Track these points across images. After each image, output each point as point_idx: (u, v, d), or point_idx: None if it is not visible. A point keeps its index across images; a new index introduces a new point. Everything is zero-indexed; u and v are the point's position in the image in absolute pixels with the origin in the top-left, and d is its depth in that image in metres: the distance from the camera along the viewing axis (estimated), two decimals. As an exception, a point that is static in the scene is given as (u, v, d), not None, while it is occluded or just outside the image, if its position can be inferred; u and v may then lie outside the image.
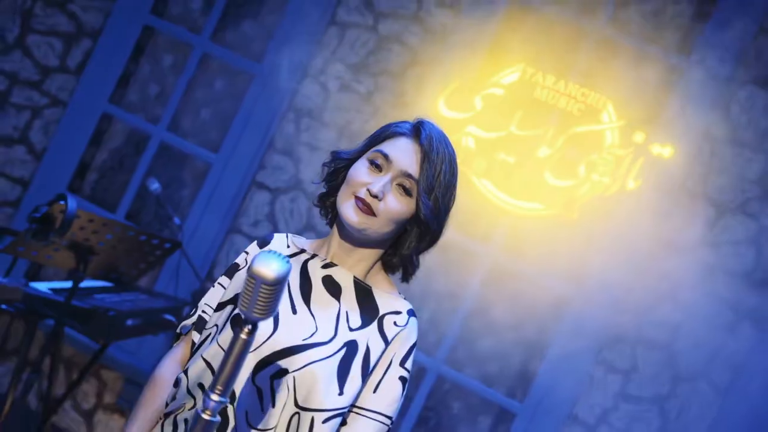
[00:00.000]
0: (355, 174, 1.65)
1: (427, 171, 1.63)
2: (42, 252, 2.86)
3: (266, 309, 1.25)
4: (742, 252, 3.62)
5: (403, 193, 1.63)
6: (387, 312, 1.68)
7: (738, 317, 3.59)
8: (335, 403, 1.58)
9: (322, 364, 1.58)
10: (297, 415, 1.58)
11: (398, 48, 3.97)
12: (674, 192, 3.65)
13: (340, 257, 1.70)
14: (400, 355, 1.66)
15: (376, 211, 1.62)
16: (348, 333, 1.63)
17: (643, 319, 3.67)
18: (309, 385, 1.57)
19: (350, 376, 1.60)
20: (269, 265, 1.24)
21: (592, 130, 3.69)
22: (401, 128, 1.70)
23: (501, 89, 3.79)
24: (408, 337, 1.67)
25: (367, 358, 1.63)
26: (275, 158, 4.03)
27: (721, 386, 3.59)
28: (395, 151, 1.65)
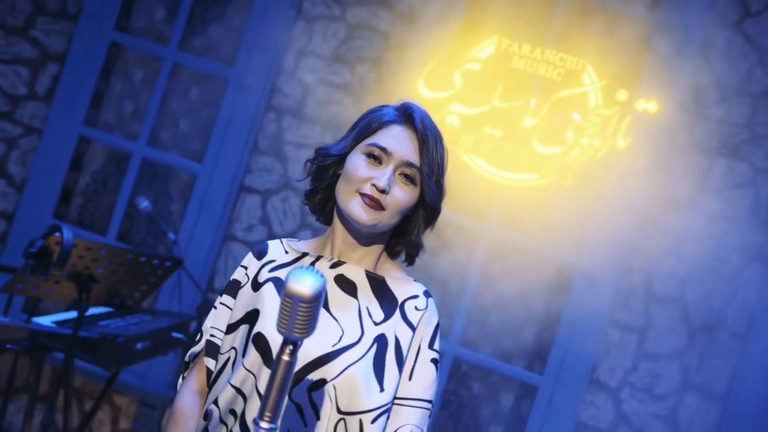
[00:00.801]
0: (354, 170, 1.61)
1: (427, 156, 1.62)
2: (42, 287, 2.81)
3: (306, 327, 1.22)
4: (739, 196, 3.61)
5: (407, 182, 1.62)
6: (406, 298, 1.66)
7: (745, 261, 3.59)
8: (379, 401, 1.56)
9: (358, 365, 1.56)
10: (342, 421, 1.55)
11: (370, 35, 3.92)
12: (664, 146, 3.63)
13: (346, 254, 1.67)
14: (427, 338, 1.64)
15: (384, 205, 1.59)
16: (374, 328, 1.61)
17: (651, 275, 3.66)
18: (350, 389, 1.55)
19: (387, 371, 1.58)
20: (304, 282, 1.21)
21: (574, 94, 3.67)
22: (389, 115, 1.67)
23: (478, 64, 3.75)
24: (431, 319, 1.66)
25: (398, 349, 1.61)
26: (261, 160, 3.98)
27: (738, 332, 3.59)
28: (392, 142, 1.63)
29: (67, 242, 2.60)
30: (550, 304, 3.82)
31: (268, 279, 1.66)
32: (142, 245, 4.13)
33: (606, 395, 3.69)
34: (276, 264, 1.69)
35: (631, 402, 3.67)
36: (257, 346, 1.58)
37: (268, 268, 1.68)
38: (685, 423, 3.62)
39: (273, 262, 1.69)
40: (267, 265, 1.69)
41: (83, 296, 2.82)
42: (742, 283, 3.61)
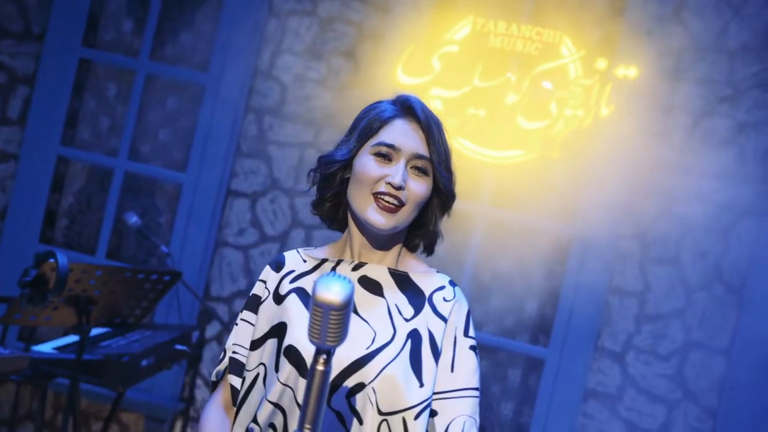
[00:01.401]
0: (365, 171, 1.60)
1: (434, 145, 1.61)
2: (40, 315, 2.77)
3: (339, 334, 1.20)
4: (725, 152, 3.63)
5: (420, 174, 1.61)
6: (433, 291, 1.65)
7: (736, 216, 3.62)
8: (420, 397, 1.55)
9: (394, 364, 1.54)
10: (385, 422, 1.54)
11: (344, 27, 3.89)
12: (647, 110, 3.64)
13: (366, 255, 1.66)
14: (462, 327, 1.63)
15: (403, 200, 1.58)
16: (406, 324, 1.60)
17: (645, 239, 3.68)
18: (390, 389, 1.53)
19: (424, 365, 1.57)
20: (332, 290, 1.19)
21: (554, 67, 3.66)
22: (388, 111, 1.65)
23: (455, 46, 3.74)
24: (461, 307, 1.65)
25: (433, 342, 1.60)
26: (245, 163, 3.94)
27: (735, 286, 3.62)
28: (399, 137, 1.61)
29: (62, 267, 2.56)
30: (549, 277, 3.83)
31: (290, 290, 1.65)
32: (133, 260, 4.09)
33: (611, 360, 3.71)
34: (296, 274, 1.68)
35: (637, 365, 3.69)
36: (290, 359, 1.57)
37: (289, 279, 1.67)
38: (691, 380, 3.65)
39: (292, 272, 1.68)
40: (287, 276, 1.68)
41: (83, 319, 2.78)
42: (735, 237, 3.64)
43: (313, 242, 3.88)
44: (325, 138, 3.88)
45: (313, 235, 3.88)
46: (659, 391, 3.67)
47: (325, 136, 3.88)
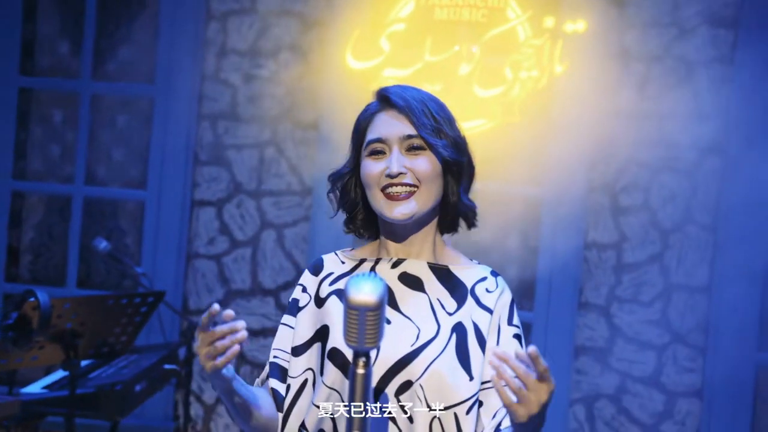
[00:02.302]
0: (366, 173, 1.61)
1: (418, 119, 1.59)
2: (26, 356, 2.70)
3: (376, 335, 1.19)
4: (680, 93, 3.66)
5: (417, 151, 1.59)
6: (475, 283, 1.64)
7: (699, 154, 3.66)
8: (471, 390, 1.55)
9: (441, 360, 1.54)
10: (437, 419, 1.53)
11: (286, 20, 3.84)
12: (600, 61, 3.66)
13: (403, 251, 1.65)
14: (505, 316, 1.62)
15: (413, 182, 1.57)
16: (450, 318, 1.59)
17: (614, 190, 3.71)
18: (438, 385, 1.52)
19: (472, 358, 1.56)
20: (364, 290, 1.18)
21: (503, 31, 3.66)
22: (371, 110, 1.66)
23: (402, 23, 3.71)
24: (504, 297, 1.64)
25: (479, 334, 1.59)
26: (206, 171, 3.88)
27: (707, 223, 3.67)
28: (382, 128, 1.61)
29: (44, 305, 2.51)
30: (524, 241, 3.84)
31: (330, 293, 1.63)
32: (106, 286, 4.01)
33: (597, 314, 3.74)
34: (335, 276, 1.66)
35: (622, 315, 3.73)
36: (335, 362, 1.56)
37: (329, 282, 1.65)
38: (676, 322, 3.70)
39: (332, 274, 1.66)
40: (326, 279, 1.66)
41: (71, 354, 2.73)
42: (701, 176, 3.68)
43: (286, 242, 3.84)
44: (284, 135, 3.83)
45: (284, 234, 3.84)
46: (647, 338, 3.71)
47: (283, 133, 3.83)
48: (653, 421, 3.71)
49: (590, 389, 3.73)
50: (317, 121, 3.81)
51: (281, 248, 3.85)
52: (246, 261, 3.87)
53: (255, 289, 3.86)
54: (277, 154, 3.85)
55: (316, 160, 3.80)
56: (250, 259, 3.86)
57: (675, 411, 3.70)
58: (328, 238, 3.77)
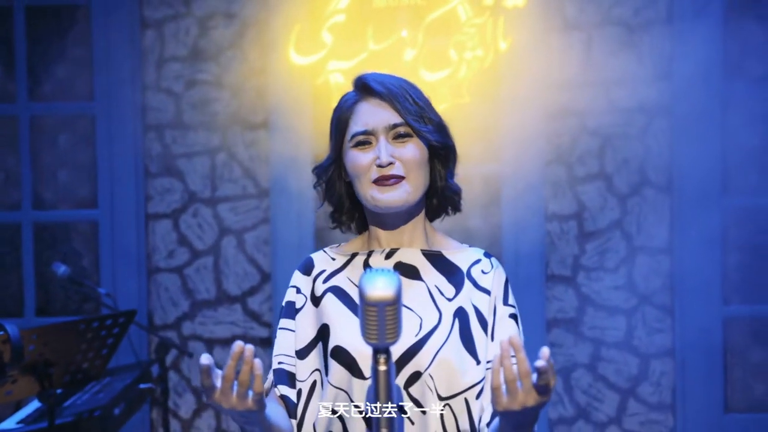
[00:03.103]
0: (354, 164, 1.58)
1: (402, 106, 1.57)
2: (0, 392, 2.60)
3: (396, 329, 1.16)
4: (623, 59, 3.70)
5: (404, 139, 1.57)
6: (470, 266, 1.63)
7: (648, 117, 3.71)
8: (479, 374, 1.54)
9: (447, 347, 1.52)
10: (447, 407, 1.52)
11: (224, 21, 3.77)
12: (543, 33, 3.68)
13: (395, 240, 1.63)
14: (500, 296, 1.62)
15: (401, 173, 1.55)
16: (450, 304, 1.57)
17: (569, 160, 3.74)
18: (446, 373, 1.51)
19: (477, 342, 1.56)
20: (379, 285, 1.15)
21: (444, 13, 3.64)
22: (350, 99, 1.63)
23: (342, 14, 3.67)
24: (500, 277, 1.64)
25: (481, 317, 1.58)
26: (157, 183, 3.79)
27: (662, 185, 3.72)
28: (367, 118, 1.58)
29: (15, 338, 2.42)
30: (487, 220, 3.85)
31: (325, 291, 1.61)
32: (66, 312, 3.89)
33: (565, 286, 3.77)
34: (328, 273, 1.63)
35: (589, 283, 3.77)
36: (339, 360, 1.53)
37: (322, 280, 1.63)
38: (642, 284, 3.75)
39: (324, 272, 1.64)
40: (319, 277, 1.63)
41: (47, 384, 2.64)
42: (652, 138, 3.73)
43: (248, 246, 3.78)
44: (234, 138, 3.77)
45: (245, 239, 3.78)
46: (615, 303, 3.76)
47: (232, 137, 3.77)
48: (630, 384, 3.75)
49: (566, 360, 3.76)
50: (267, 121, 3.76)
51: (243, 253, 3.79)
52: (208, 270, 3.80)
53: (221, 298, 3.80)
54: (229, 159, 3.78)
55: (269, 161, 3.75)
56: (213, 267, 3.80)
57: (650, 372, 3.75)
58: (289, 239, 3.73)
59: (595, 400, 3.76)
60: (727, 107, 3.70)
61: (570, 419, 3.76)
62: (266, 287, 3.77)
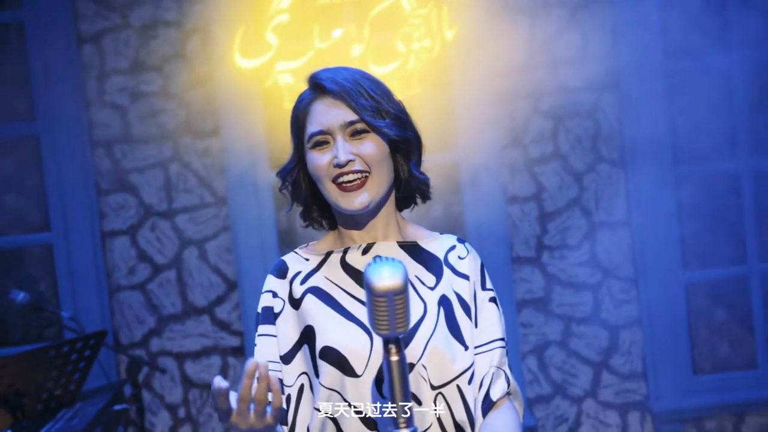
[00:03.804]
0: (314, 166, 1.56)
1: (356, 102, 1.54)
2: (-28, 428, 2.52)
3: (406, 318, 1.16)
4: (568, 39, 3.73)
5: (362, 135, 1.54)
6: (446, 253, 1.63)
7: (596, 94, 3.75)
8: (468, 360, 1.55)
9: (435, 336, 1.53)
10: (440, 395, 1.52)
11: (164, 30, 3.70)
12: (487, 20, 3.69)
13: (369, 236, 1.61)
14: (479, 281, 1.63)
15: (363, 169, 1.53)
16: (432, 294, 1.57)
17: (524, 142, 3.76)
18: (438, 362, 1.51)
19: (462, 328, 1.56)
20: (386, 275, 1.15)
21: (388, 6, 3.63)
22: (305, 99, 1.59)
23: (285, 14, 3.63)
24: (476, 262, 1.65)
25: (463, 302, 1.59)
26: (111, 200, 3.71)
27: (615, 159, 3.78)
28: (321, 119, 1.55)
29: (-15, 370, 2.34)
30: (448, 209, 3.85)
31: (305, 292, 1.58)
32: (27, 340, 3.78)
33: (530, 267, 3.80)
34: (304, 274, 1.61)
35: (554, 262, 3.80)
36: (329, 360, 1.50)
37: (299, 282, 1.60)
38: (605, 259, 3.80)
39: (299, 273, 1.61)
40: (295, 279, 1.60)
41: (20, 416, 2.56)
42: (602, 114, 3.78)
43: (210, 256, 3.73)
44: (185, 148, 3.70)
45: (206, 248, 3.72)
46: (581, 279, 3.80)
47: (184, 147, 3.71)
48: (602, 357, 3.81)
49: (538, 340, 3.79)
50: (218, 128, 3.70)
51: (206, 263, 3.73)
52: (172, 284, 3.73)
53: (187, 310, 3.73)
54: (182, 169, 3.71)
55: (225, 168, 3.70)
56: (176, 280, 3.73)
57: (620, 343, 3.81)
58: (252, 245, 3.68)
59: (570, 375, 3.80)
60: (672, 79, 3.78)
61: (547, 397, 3.80)
62: (233, 295, 3.72)
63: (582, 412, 3.82)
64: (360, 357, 1.49)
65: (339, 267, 1.60)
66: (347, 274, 1.58)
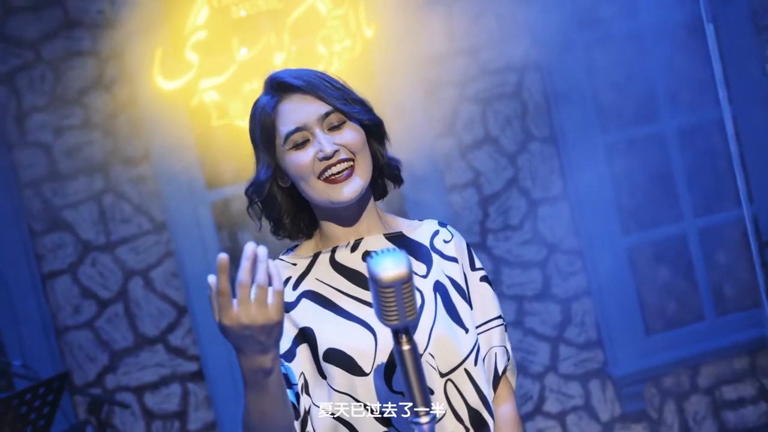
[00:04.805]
0: (297, 166, 1.51)
1: (327, 94, 1.53)
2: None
3: (414, 305, 1.16)
4: (485, 23, 3.77)
5: (339, 125, 1.52)
6: (431, 239, 1.63)
7: (518, 74, 3.81)
8: (470, 342, 1.55)
9: (438, 324, 1.52)
10: (449, 381, 1.52)
11: (80, 60, 3.61)
12: (403, 14, 3.70)
13: (354, 232, 1.59)
14: (467, 262, 1.64)
15: (348, 157, 1.51)
16: (426, 282, 1.57)
17: (455, 129, 3.80)
18: (444, 349, 1.51)
19: (460, 311, 1.56)
20: (390, 265, 1.14)
21: (304, 11, 3.63)
22: (269, 103, 1.54)
23: (202, 31, 3.59)
24: (461, 243, 1.66)
25: (456, 285, 1.59)
26: (47, 240, 3.61)
27: (544, 136, 3.84)
28: (295, 116, 1.52)
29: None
30: (389, 205, 3.84)
31: (299, 297, 1.55)
32: None
33: (476, 251, 3.78)
34: (295, 279, 1.58)
35: (499, 244, 3.85)
36: (336, 363, 1.48)
37: (290, 287, 1.57)
38: (548, 234, 3.86)
39: (289, 279, 1.58)
40: (285, 285, 1.56)
41: (-14, 472, 2.47)
42: (527, 93, 3.84)
43: (156, 283, 3.66)
44: (117, 178, 3.63)
45: (152, 277, 3.65)
46: (528, 258, 3.86)
47: (115, 176, 3.63)
48: (557, 331, 3.87)
49: (494, 322, 3.82)
50: (148, 153, 3.63)
51: (153, 292, 3.65)
52: (121, 317, 3.65)
53: (140, 342, 3.65)
54: (116, 200, 3.64)
55: (160, 193, 3.64)
56: (124, 313, 3.65)
57: (573, 315, 3.88)
58: (198, 267, 3.63)
59: (528, 353, 3.85)
60: (589, 49, 3.87)
61: (510, 378, 3.84)
62: (185, 320, 3.66)
63: (545, 387, 3.87)
64: (366, 355, 1.47)
65: (329, 267, 1.57)
66: (339, 273, 1.56)
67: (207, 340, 3.61)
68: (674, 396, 3.89)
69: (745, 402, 3.92)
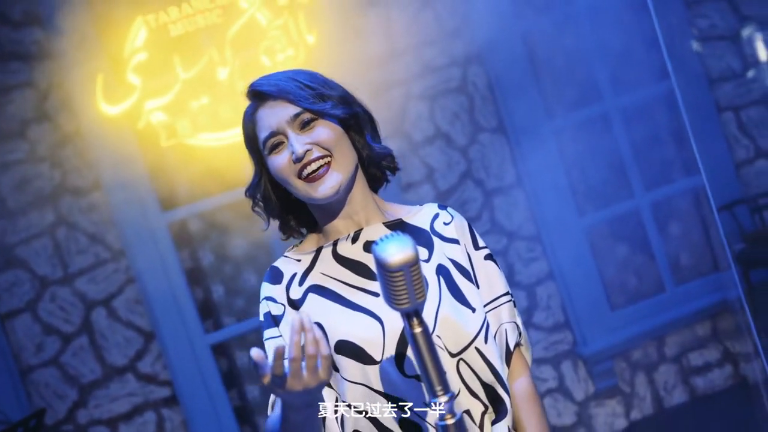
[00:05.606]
0: (277, 169, 1.56)
1: (296, 95, 1.55)
2: None
3: (422, 287, 1.16)
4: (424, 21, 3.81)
5: (310, 124, 1.55)
6: (431, 222, 1.65)
7: (461, 68, 3.85)
8: (479, 321, 1.56)
9: (443, 306, 1.54)
10: (461, 361, 1.53)
11: (19, 93, 3.55)
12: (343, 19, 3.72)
13: (353, 223, 1.61)
14: (470, 242, 1.66)
15: (322, 154, 1.53)
16: (428, 266, 1.59)
17: (405, 128, 3.82)
18: (451, 330, 1.53)
19: (465, 292, 1.57)
20: (395, 250, 1.16)
21: (244, 24, 3.61)
22: (249, 110, 1.60)
23: (142, 52, 3.55)
24: (462, 224, 1.68)
25: (459, 266, 1.60)
26: (2, 279, 3.53)
27: (494, 126, 3.88)
28: (268, 121, 1.56)
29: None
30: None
31: (305, 292, 1.57)
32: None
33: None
34: (301, 275, 1.60)
35: (457, 238, 3.87)
36: (347, 354, 1.50)
37: (297, 283, 1.59)
38: (506, 223, 3.91)
39: (295, 275, 1.60)
40: (292, 282, 1.60)
41: None
42: (472, 86, 3.88)
43: (120, 312, 3.59)
44: (68, 209, 3.56)
45: (114, 305, 3.58)
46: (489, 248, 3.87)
47: (66, 208, 3.56)
48: (524, 317, 3.91)
49: (462, 315, 3.85)
50: (98, 181, 3.57)
51: (117, 321, 3.59)
52: (86, 350, 3.57)
53: (108, 373, 3.58)
54: (70, 231, 3.56)
55: (114, 220, 3.57)
56: (89, 345, 3.57)
57: (538, 300, 3.92)
58: (161, 290, 3.58)
59: (500, 342, 3.88)
60: (530, 38, 3.93)
61: (484, 368, 3.86)
62: (152, 346, 3.60)
63: (518, 374, 3.90)
64: (374, 344, 1.49)
65: (333, 260, 1.59)
66: (342, 265, 1.58)
67: (178, 364, 3.56)
68: (644, 368, 3.96)
69: (711, 366, 4.01)
